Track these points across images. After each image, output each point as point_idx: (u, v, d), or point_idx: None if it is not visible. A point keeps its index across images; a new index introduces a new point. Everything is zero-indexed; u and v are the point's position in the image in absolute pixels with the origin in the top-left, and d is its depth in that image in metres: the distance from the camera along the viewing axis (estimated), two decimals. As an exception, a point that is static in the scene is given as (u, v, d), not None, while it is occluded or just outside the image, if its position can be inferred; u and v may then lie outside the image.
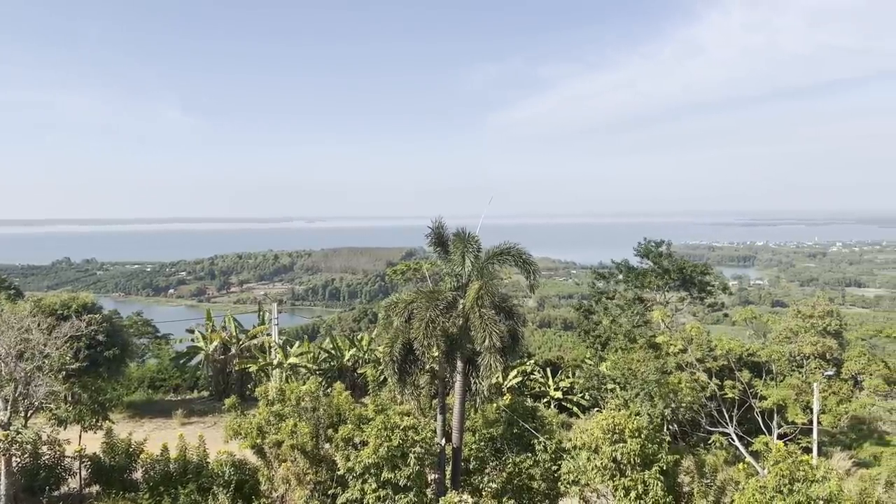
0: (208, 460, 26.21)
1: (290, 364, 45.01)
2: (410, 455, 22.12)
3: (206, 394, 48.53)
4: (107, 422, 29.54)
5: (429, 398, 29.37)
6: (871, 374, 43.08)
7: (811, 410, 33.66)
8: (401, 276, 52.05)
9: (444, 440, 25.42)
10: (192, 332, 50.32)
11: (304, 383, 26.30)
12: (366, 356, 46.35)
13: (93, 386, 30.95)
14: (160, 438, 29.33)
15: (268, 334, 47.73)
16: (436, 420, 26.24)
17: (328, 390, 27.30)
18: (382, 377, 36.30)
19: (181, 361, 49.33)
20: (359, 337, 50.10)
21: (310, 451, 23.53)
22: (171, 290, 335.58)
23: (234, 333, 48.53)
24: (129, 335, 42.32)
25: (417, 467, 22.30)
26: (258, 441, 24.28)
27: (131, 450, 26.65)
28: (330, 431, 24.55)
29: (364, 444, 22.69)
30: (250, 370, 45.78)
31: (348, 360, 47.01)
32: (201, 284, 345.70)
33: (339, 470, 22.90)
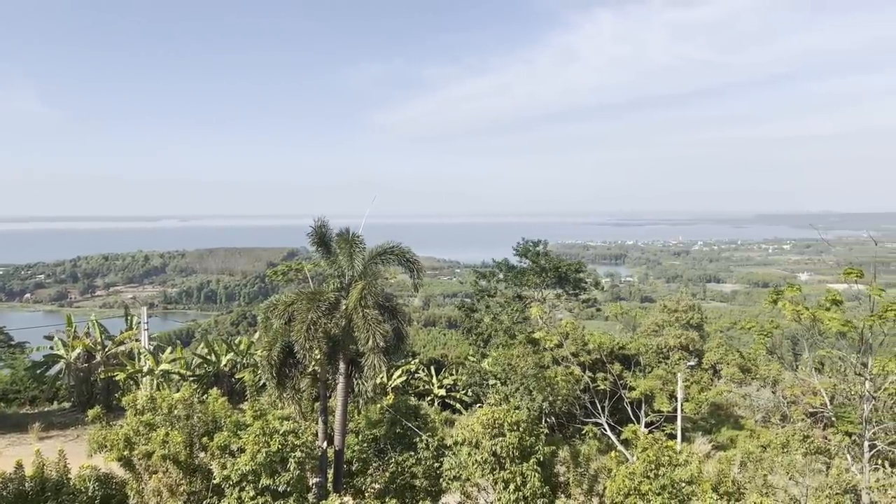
0: (69, 476, 24.36)
1: (161, 371, 42.74)
2: (290, 460, 21.58)
3: (67, 405, 45.16)
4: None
5: (310, 401, 28.86)
6: (728, 364, 46.63)
7: (676, 399, 35.99)
8: (282, 277, 50.72)
9: (325, 443, 25.04)
10: (50, 338, 46.66)
11: (178, 390, 25.06)
12: (244, 360, 44.84)
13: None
14: (14, 455, 26.99)
15: (137, 340, 45.09)
16: (317, 423, 25.82)
17: (203, 397, 26.18)
18: (262, 381, 35.26)
19: (38, 371, 45.66)
20: (237, 341, 48.37)
21: (183, 461, 22.44)
22: (28, 295, 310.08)
23: (100, 340, 45.48)
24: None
25: (298, 472, 21.80)
26: (126, 453, 22.87)
27: (-23, 470, 24.33)
28: (205, 439, 23.57)
29: (241, 450, 21.93)
30: (117, 378, 43.05)
31: (225, 365, 45.26)
32: (62, 288, 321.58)
33: (214, 479, 22.00)
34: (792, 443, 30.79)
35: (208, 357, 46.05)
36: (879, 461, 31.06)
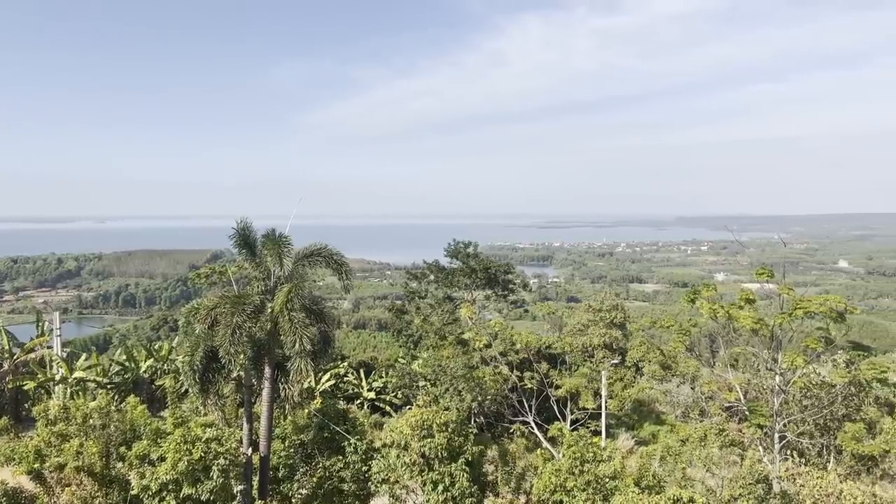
0: (-27, 493, 22.95)
1: (76, 379, 40.77)
2: (214, 468, 21.02)
3: (-30, 418, 42.46)
4: None
5: (235, 407, 28.17)
6: (649, 361, 48.05)
7: (600, 396, 36.92)
8: (205, 280, 49.17)
9: (250, 450, 24.49)
10: (-49, 347, 43.76)
11: (94, 399, 24.00)
12: (165, 366, 43.34)
13: None
14: None
15: (48, 347, 42.85)
16: (242, 429, 25.20)
17: (121, 405, 25.20)
18: (183, 388, 34.16)
19: (-63, 382, 42.70)
20: (157, 346, 46.74)
21: (99, 473, 21.55)
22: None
23: (7, 347, 42.98)
24: None
25: (222, 480, 21.25)
26: (36, 466, 21.78)
27: None
28: (123, 449, 22.74)
29: (162, 459, 21.24)
30: (27, 388, 40.80)
31: (145, 372, 43.62)
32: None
33: (132, 490, 21.18)
34: (709, 436, 32.07)
35: (127, 363, 44.28)
36: (789, 452, 32.79)
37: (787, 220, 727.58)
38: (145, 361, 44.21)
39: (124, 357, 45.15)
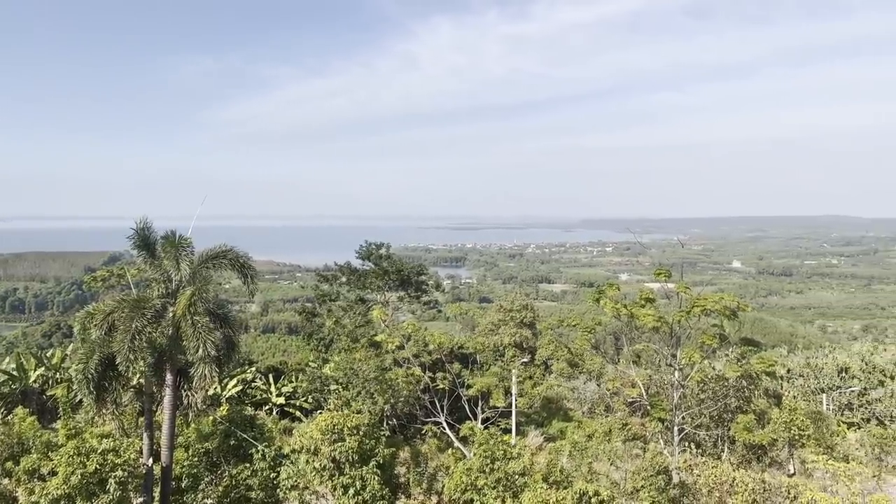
0: None
1: (-45, 391, 37.75)
2: (110, 480, 20.03)
3: None
4: None
5: (134, 416, 26.86)
6: (558, 359, 49.34)
7: (511, 394, 37.56)
8: (102, 283, 46.64)
9: (151, 460, 23.41)
10: None
11: (-25, 412, 22.34)
12: (58, 375, 40.78)
13: None
14: None
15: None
16: (142, 439, 24.06)
17: (8, 417, 23.54)
18: (78, 397, 32.27)
19: None
20: (49, 354, 43.92)
21: (-20, 492, 20.02)
22: None
23: None
24: None
25: (119, 492, 20.28)
26: None
27: None
28: (10, 464, 21.26)
29: (53, 473, 20.03)
30: None
31: (35, 381, 40.86)
32: None
33: (19, 508, 19.84)
34: (614, 431, 33.29)
35: (14, 373, 41.34)
36: (687, 443, 34.46)
37: (687, 223, 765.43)
38: (35, 370, 41.44)
39: (12, 366, 42.17)
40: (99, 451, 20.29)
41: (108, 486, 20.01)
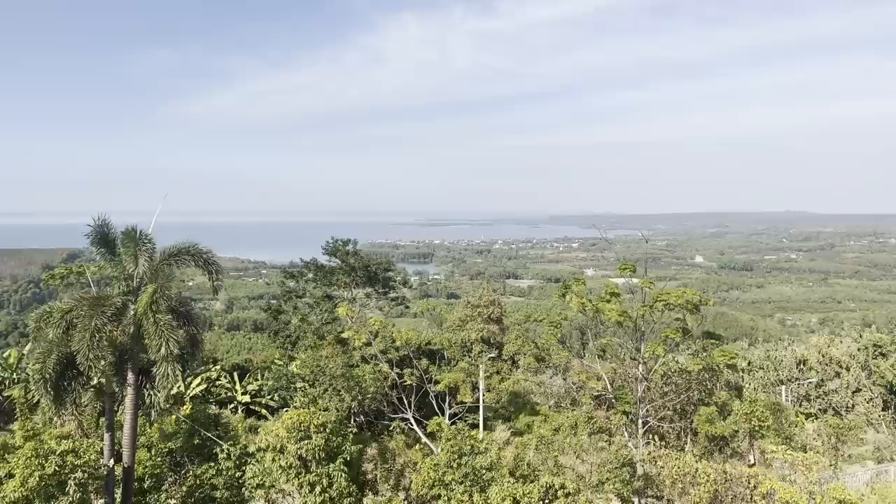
0: None
1: None
2: (70, 482, 19.65)
3: None
4: None
5: (95, 416, 26.35)
6: (525, 354, 49.63)
7: (478, 390, 37.73)
8: (60, 281, 45.61)
9: (113, 461, 23.00)
10: None
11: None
12: (14, 376, 39.83)
13: None
14: None
15: None
16: (103, 440, 23.60)
17: (-39, 420, 22.89)
18: (36, 398, 31.50)
19: None
20: (5, 354, 42.83)
21: (-67, 497, 19.42)
22: None
23: None
24: None
25: (79, 494, 19.90)
26: None
27: None
28: (-37, 468, 20.60)
29: (10, 476, 19.55)
30: None
31: (-10, 383, 39.84)
32: None
33: (-26, 514, 19.30)
34: (579, 425, 33.65)
35: (-32, 374, 40.26)
36: (651, 436, 35.00)
37: (652, 219, 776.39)
38: (-10, 371, 40.41)
39: (-34, 367, 41.03)
40: (58, 452, 19.89)
41: (67, 488, 19.65)
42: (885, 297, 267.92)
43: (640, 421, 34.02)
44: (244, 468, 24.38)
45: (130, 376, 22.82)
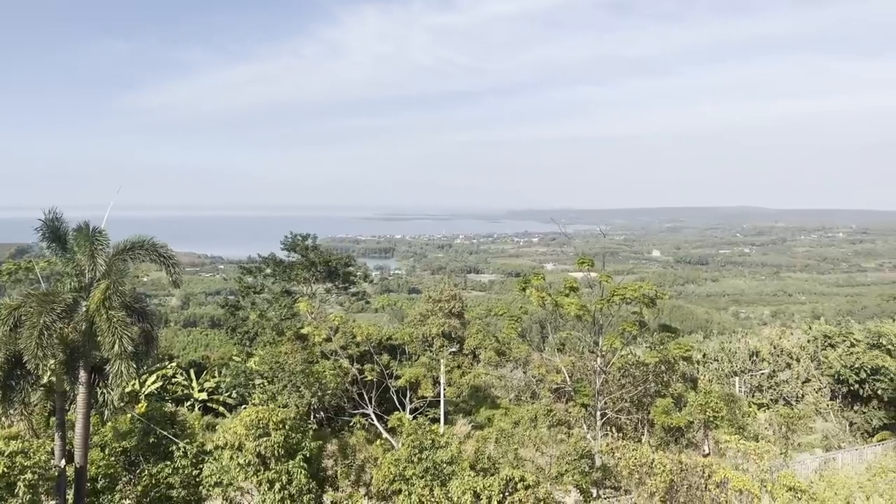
0: None
1: None
2: (19, 483, 19.12)
3: None
4: None
5: (45, 416, 25.62)
6: (485, 348, 49.92)
7: (439, 384, 37.81)
8: (8, 277, 44.13)
9: (64, 461, 22.40)
10: None
11: None
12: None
13: None
14: None
15: None
16: (54, 440, 22.97)
17: None
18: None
19: None
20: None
21: None
22: None
23: None
24: None
25: (29, 496, 19.38)
26: None
27: None
28: None
29: (-45, 480, 18.87)
30: None
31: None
32: None
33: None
34: (539, 417, 34.01)
35: None
36: (609, 427, 35.58)
37: (610, 214, 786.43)
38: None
39: None
40: (6, 453, 19.34)
41: (17, 490, 19.12)
42: (833, 290, 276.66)
43: (598, 413, 34.54)
44: (201, 466, 24.03)
45: (83, 374, 22.24)
